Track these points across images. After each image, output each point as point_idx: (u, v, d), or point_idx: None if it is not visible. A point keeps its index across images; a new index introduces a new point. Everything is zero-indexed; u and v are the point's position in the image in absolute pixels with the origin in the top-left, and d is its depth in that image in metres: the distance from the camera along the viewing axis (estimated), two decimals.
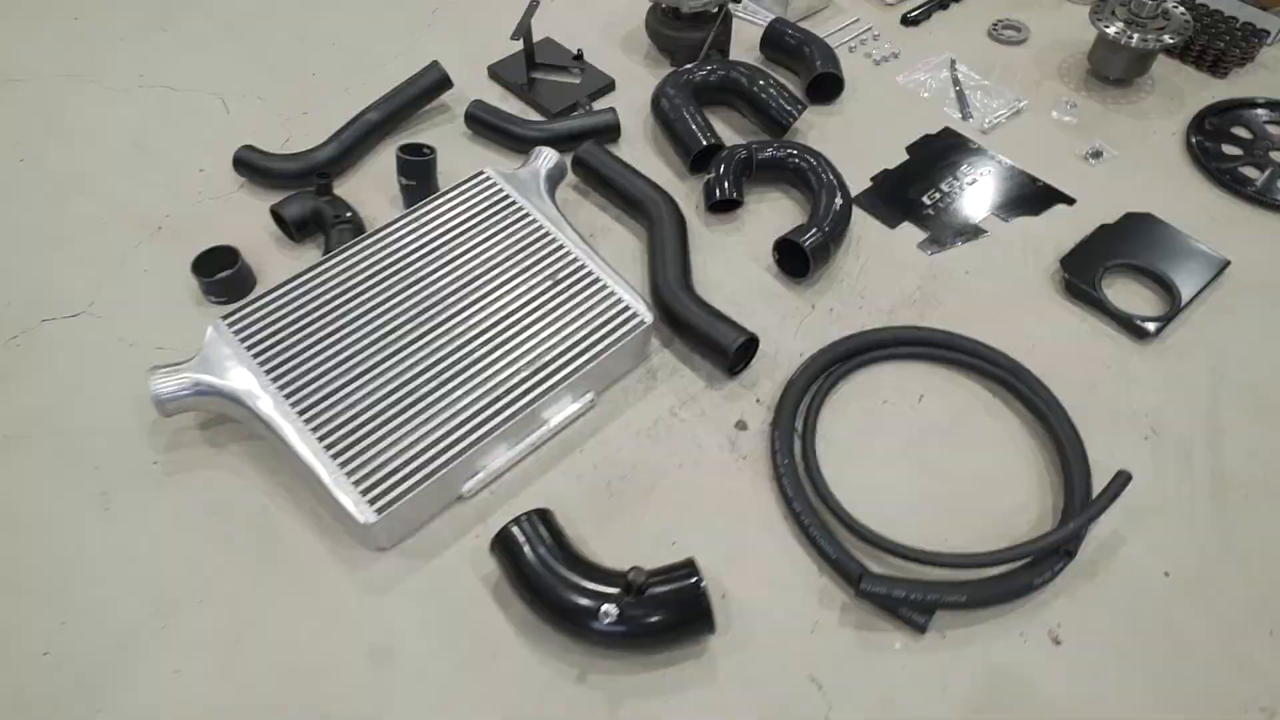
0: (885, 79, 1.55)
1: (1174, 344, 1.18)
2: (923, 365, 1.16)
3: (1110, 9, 1.47)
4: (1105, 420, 1.10)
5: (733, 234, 1.32)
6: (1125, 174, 1.39)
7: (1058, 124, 1.47)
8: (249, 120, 1.49)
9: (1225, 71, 1.53)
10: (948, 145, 1.44)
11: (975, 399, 1.13)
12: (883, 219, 1.33)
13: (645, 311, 1.11)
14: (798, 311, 1.22)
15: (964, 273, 1.27)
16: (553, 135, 1.42)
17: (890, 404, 1.12)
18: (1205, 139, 1.43)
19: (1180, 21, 1.44)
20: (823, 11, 1.69)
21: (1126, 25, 1.44)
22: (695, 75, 1.45)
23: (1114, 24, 1.44)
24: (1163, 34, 1.43)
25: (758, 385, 1.14)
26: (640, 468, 1.06)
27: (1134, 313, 1.19)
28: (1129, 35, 1.43)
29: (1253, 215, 1.34)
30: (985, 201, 1.35)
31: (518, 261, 1.14)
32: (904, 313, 1.21)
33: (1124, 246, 1.26)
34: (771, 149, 1.34)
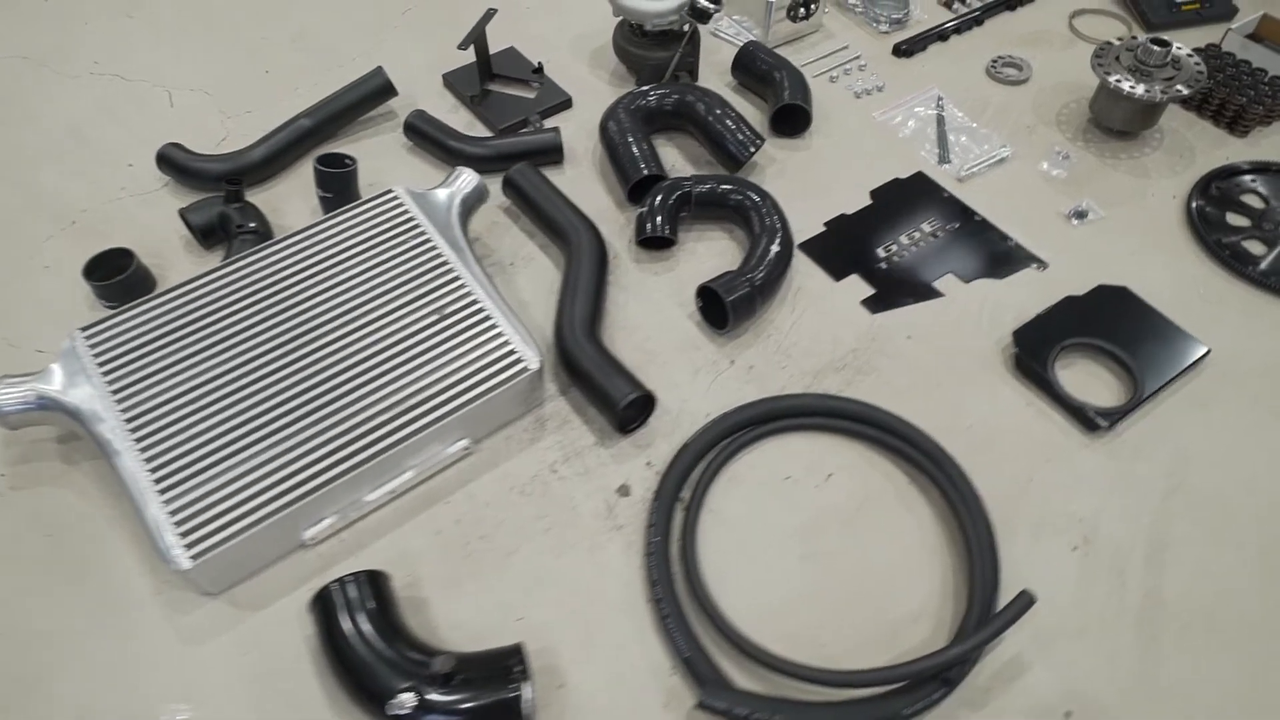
0: (863, 114, 1.43)
1: (1129, 440, 1.05)
2: (837, 439, 1.05)
3: (1114, 54, 1.33)
4: (1033, 522, 0.98)
5: (663, 273, 1.22)
6: (1111, 239, 1.25)
7: (1044, 177, 1.33)
8: (191, 115, 1.45)
9: (1246, 130, 1.37)
10: (916, 192, 1.32)
11: (889, 483, 1.01)
12: (829, 269, 1.22)
13: (532, 357, 1.02)
14: (714, 366, 1.12)
15: (906, 337, 1.15)
16: (490, 153, 1.34)
17: (794, 480, 1.01)
18: (1209, 205, 1.27)
19: (1192, 71, 1.29)
20: (810, 36, 1.57)
21: (1130, 73, 1.30)
22: (649, 99, 1.35)
23: (1117, 71, 1.30)
24: (1171, 84, 1.28)
25: (653, 446, 1.04)
26: (505, 528, 0.98)
27: (1086, 401, 1.05)
28: (1132, 84, 1.28)
29: (1249, 298, 1.19)
30: (946, 258, 1.23)
31: (407, 290, 1.06)
32: (830, 378, 1.10)
33: (1089, 323, 1.12)
34: (712, 184, 1.23)
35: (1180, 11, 1.55)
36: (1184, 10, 1.55)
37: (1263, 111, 1.34)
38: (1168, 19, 1.55)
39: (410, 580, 0.94)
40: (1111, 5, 1.62)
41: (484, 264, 1.19)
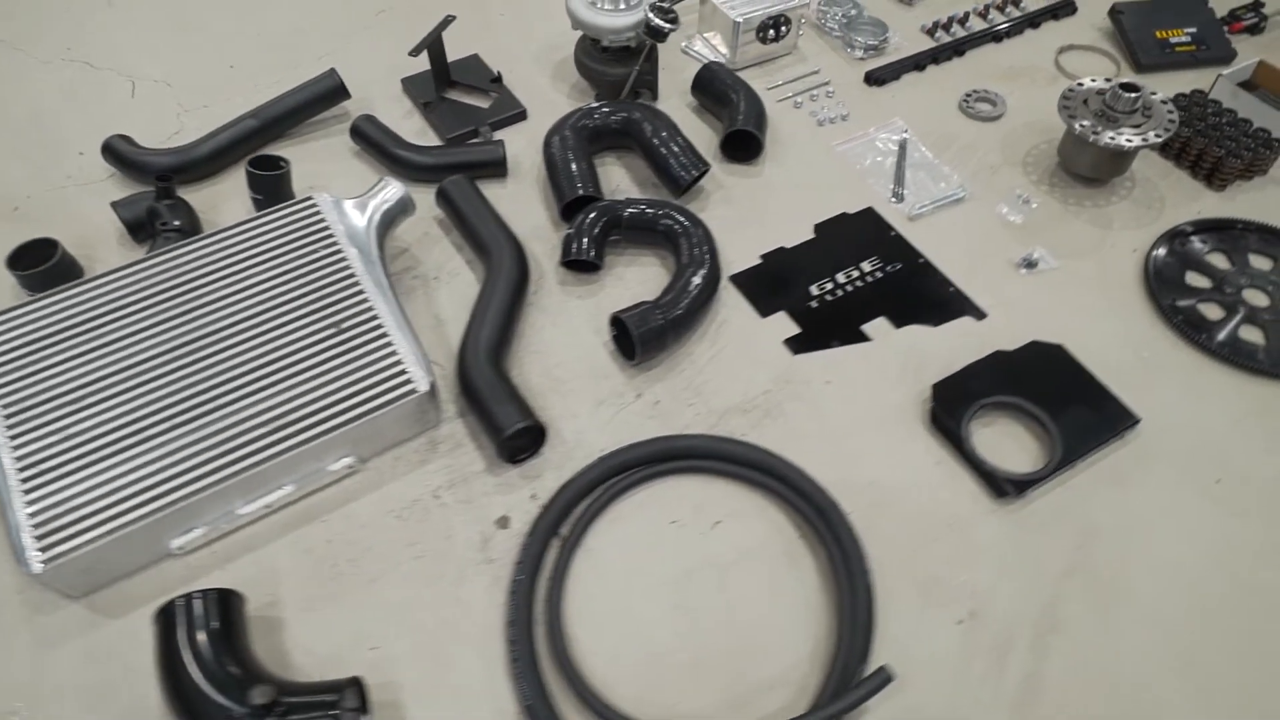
0: (823, 143, 1.39)
1: (1039, 510, 0.99)
2: (731, 485, 1.01)
3: (1082, 97, 1.26)
4: (922, 589, 0.93)
5: (586, 297, 1.19)
6: (1059, 291, 1.19)
7: (1001, 221, 1.28)
8: (149, 107, 1.45)
9: (1224, 183, 1.30)
10: (862, 229, 1.27)
11: (778, 535, 0.97)
12: (757, 305, 1.18)
13: (422, 379, 1.00)
14: (619, 398, 1.09)
15: (824, 382, 1.10)
16: (432, 162, 1.32)
17: (680, 525, 0.98)
18: (1169, 262, 1.21)
19: (1164, 119, 1.22)
20: (782, 59, 1.53)
21: (1097, 118, 1.23)
22: (597, 117, 1.32)
23: (1083, 116, 1.24)
24: (1140, 132, 1.21)
25: (542, 478, 1.02)
26: (376, 552, 0.96)
27: (998, 465, 1.00)
28: (1097, 130, 1.22)
29: (1197, 367, 1.12)
30: (881, 301, 1.18)
31: (308, 301, 1.05)
32: (736, 420, 1.06)
33: (1015, 381, 1.07)
34: (643, 209, 1.20)
35: (1174, 53, 1.47)
36: (1178, 51, 1.48)
37: (1241, 165, 1.27)
38: (1159, 60, 1.47)
39: (271, 599, 0.92)
40: (1103, 42, 1.55)
41: (402, 277, 1.19)
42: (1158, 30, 1.49)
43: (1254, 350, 1.11)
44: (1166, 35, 1.48)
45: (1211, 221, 1.24)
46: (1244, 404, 1.08)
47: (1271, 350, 1.11)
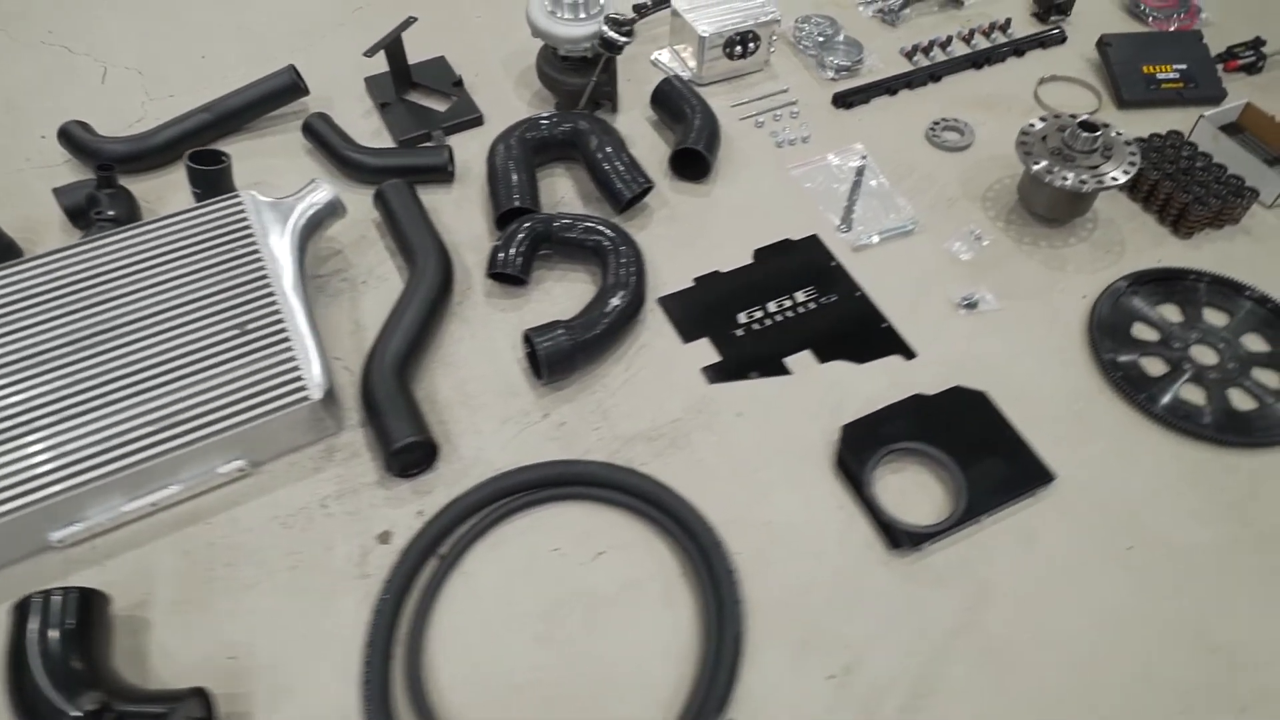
0: (779, 165, 1.35)
1: (935, 564, 0.95)
2: (621, 515, 0.99)
3: (1041, 134, 1.21)
4: (799, 639, 0.90)
5: (510, 311, 1.18)
6: (997, 335, 1.15)
7: (949, 256, 1.23)
8: (117, 93, 1.47)
9: (1190, 231, 1.23)
10: (803, 257, 1.24)
11: (660, 571, 0.95)
12: (681, 329, 1.15)
13: (317, 386, 0.99)
14: (525, 417, 1.07)
15: (736, 414, 1.07)
16: (377, 164, 1.31)
17: (562, 553, 0.96)
18: (1117, 312, 1.15)
19: (1124, 161, 1.17)
20: (752, 75, 1.49)
21: (1054, 157, 1.18)
22: (544, 127, 1.30)
23: (1040, 155, 1.19)
24: (1098, 174, 1.16)
25: (432, 494, 1.00)
26: (254, 559, 0.95)
27: (896, 515, 0.97)
28: (1050, 170, 1.17)
29: (1131, 425, 1.07)
30: (810, 333, 1.15)
31: (217, 300, 1.05)
32: (639, 448, 1.04)
33: (930, 427, 1.03)
34: (573, 225, 1.18)
35: (1159, 90, 1.41)
36: (1164, 88, 1.41)
37: (1207, 213, 1.20)
38: (1143, 96, 1.41)
39: (143, 599, 0.92)
40: (1089, 74, 1.48)
41: (331, 279, 1.20)
42: (1145, 65, 1.42)
43: (1193, 412, 1.05)
44: (1154, 71, 1.42)
45: (1164, 271, 1.18)
46: (1173, 468, 1.02)
47: (1213, 413, 1.05)
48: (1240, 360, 1.10)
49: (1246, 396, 1.07)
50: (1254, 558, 0.95)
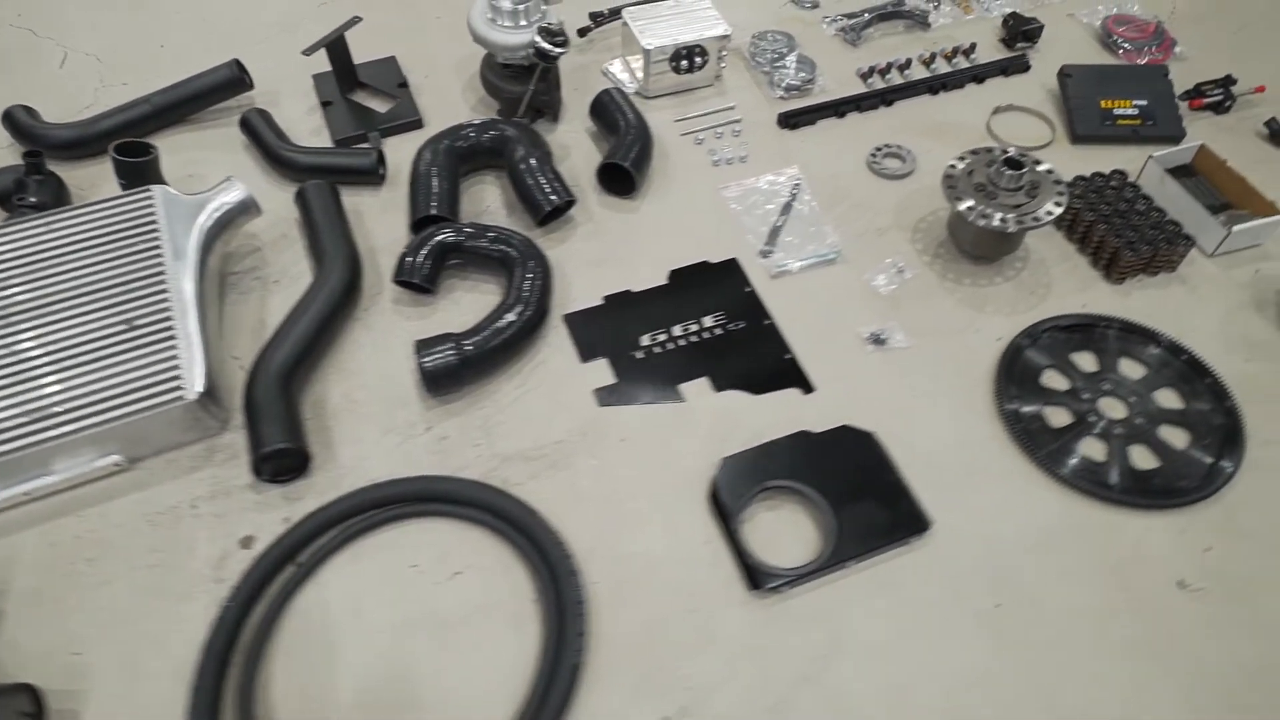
0: (711, 184, 1.33)
1: (795, 609, 0.93)
2: (483, 535, 0.98)
3: (969, 169, 1.17)
4: (640, 676, 0.89)
5: (415, 319, 1.18)
6: (902, 374, 1.11)
7: (867, 289, 1.20)
8: (73, 78, 1.49)
9: (1122, 277, 1.19)
10: (718, 281, 1.21)
11: (514, 595, 0.94)
12: (581, 348, 1.14)
13: (194, 387, 0.99)
14: (409, 429, 1.06)
15: (620, 439, 1.06)
16: (307, 163, 1.32)
17: (419, 570, 0.96)
18: (1029, 358, 1.11)
19: (1050, 200, 1.13)
20: (701, 90, 1.47)
21: (979, 193, 1.15)
22: (470, 135, 1.29)
23: (965, 192, 1.15)
24: (1021, 213, 1.12)
25: (302, 502, 1.01)
26: (116, 555, 0.96)
27: (760, 555, 0.94)
28: (971, 207, 1.14)
29: (1022, 477, 1.03)
30: (710, 360, 1.13)
31: (110, 294, 1.06)
32: (517, 467, 1.03)
33: (810, 466, 1.00)
34: (481, 236, 1.17)
35: (1114, 125, 1.36)
36: (1119, 124, 1.36)
37: (1138, 259, 1.16)
38: (1097, 131, 1.36)
39: (1, 589, 0.93)
40: (1047, 105, 1.44)
41: (243, 277, 1.21)
42: (1104, 99, 1.37)
43: (1090, 468, 1.01)
44: (1111, 105, 1.37)
45: (1077, 318, 1.14)
46: (1060, 525, 0.98)
47: (1110, 470, 1.01)
48: (1150, 416, 1.05)
49: (1149, 455, 1.03)
50: (1125, 626, 0.91)
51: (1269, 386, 1.08)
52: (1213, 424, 1.05)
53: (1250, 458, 1.02)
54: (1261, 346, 1.12)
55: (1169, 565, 0.95)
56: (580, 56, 1.55)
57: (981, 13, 1.59)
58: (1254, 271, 1.20)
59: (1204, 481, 1.00)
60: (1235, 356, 1.11)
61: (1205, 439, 1.03)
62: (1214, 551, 0.96)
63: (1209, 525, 0.98)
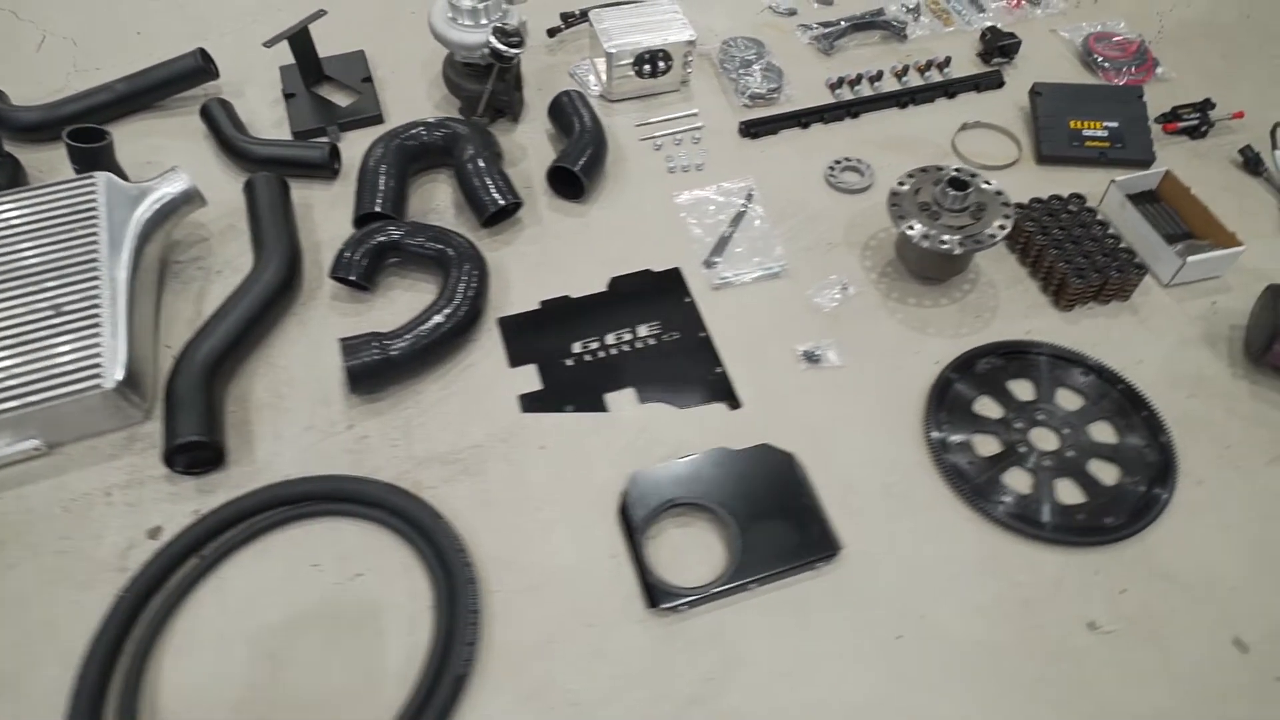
0: (664, 191, 1.31)
1: (693, 629, 0.92)
2: (388, 537, 0.97)
3: (915, 187, 1.15)
4: (528, 692, 0.88)
5: (350, 315, 1.18)
6: (834, 394, 1.09)
7: (809, 305, 1.18)
8: (48, 61, 1.51)
9: (1071, 304, 1.16)
10: (659, 290, 1.20)
11: (412, 599, 0.94)
12: (512, 352, 1.13)
13: (114, 375, 1.00)
14: (330, 427, 1.06)
15: (539, 447, 1.05)
16: (261, 154, 1.32)
17: (321, 569, 0.95)
18: (960, 385, 1.09)
19: (995, 222, 1.10)
20: (666, 95, 1.45)
21: (923, 213, 1.12)
22: (421, 133, 1.29)
23: (911, 211, 1.13)
24: (965, 234, 1.10)
25: (214, 494, 1.01)
26: (26, 540, 0.97)
27: (662, 573, 0.93)
28: (912, 226, 1.11)
29: (943, 507, 1.01)
30: (640, 371, 1.11)
31: (40, 279, 1.07)
32: (431, 470, 1.02)
33: (726, 484, 0.99)
34: (419, 235, 1.17)
35: (1082, 147, 1.33)
36: (1087, 146, 1.32)
37: (1085, 286, 1.13)
38: (1064, 152, 1.33)
39: None
40: (1017, 124, 1.40)
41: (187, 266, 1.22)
42: (1073, 119, 1.34)
43: (1013, 502, 0.99)
44: (1080, 126, 1.33)
45: (1015, 344, 1.11)
46: (975, 557, 0.96)
47: (1035, 505, 0.98)
48: (1081, 449, 1.02)
49: (1077, 490, 1.00)
50: (1030, 665, 0.89)
51: (1209, 424, 1.05)
52: (1145, 461, 1.01)
53: (1179, 498, 0.99)
54: (1208, 382, 1.09)
55: (1082, 605, 0.92)
56: (550, 57, 1.54)
57: (962, 25, 1.56)
58: (1210, 304, 1.16)
59: (1129, 520, 0.97)
60: (1179, 391, 1.08)
61: (1136, 476, 1.00)
62: (1129, 594, 0.93)
63: (1128, 566, 0.95)
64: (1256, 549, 0.95)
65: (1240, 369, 1.10)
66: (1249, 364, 1.09)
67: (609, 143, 1.35)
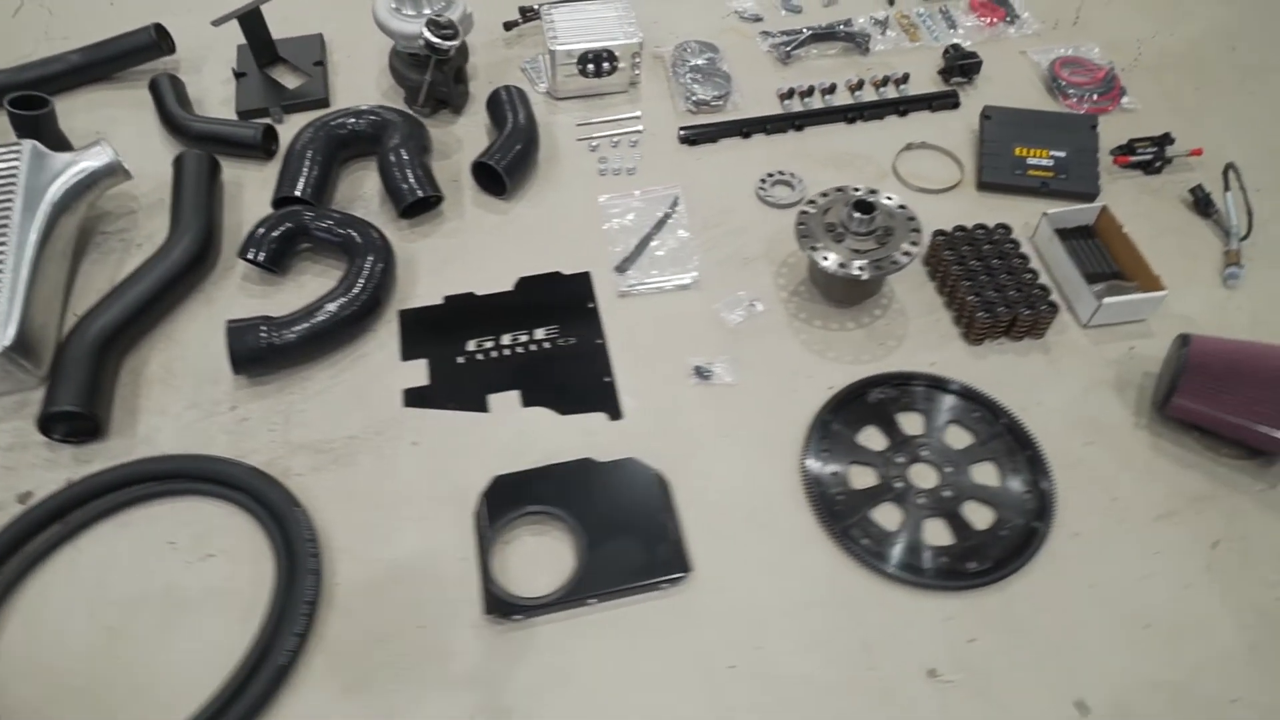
0: (591, 194, 1.30)
1: (528, 639, 0.91)
2: (247, 521, 0.98)
3: (825, 207, 1.12)
4: (354, 685, 0.88)
5: (258, 298, 1.19)
6: (716, 412, 1.08)
7: (714, 319, 1.16)
8: (21, 28, 1.55)
9: (981, 338, 1.12)
10: (565, 293, 1.19)
11: (256, 584, 0.94)
12: (406, 345, 1.13)
13: (2, 340, 1.02)
14: (214, 406, 1.08)
15: (412, 443, 1.05)
16: (198, 132, 1.34)
17: (175, 548, 0.97)
18: (845, 414, 1.06)
19: (899, 248, 1.07)
20: (612, 96, 1.44)
21: (828, 235, 1.10)
22: (351, 120, 1.30)
23: (818, 232, 1.10)
24: (872, 259, 1.07)
25: (90, 465, 1.03)
26: None
27: (502, 583, 0.93)
28: (813, 246, 1.09)
29: (806, 539, 0.98)
30: (528, 374, 1.11)
31: None
32: (304, 457, 1.03)
33: (587, 495, 0.98)
34: (317, 217, 1.18)
35: (1024, 175, 1.28)
36: (1029, 175, 1.28)
37: (991, 321, 1.09)
38: (1004, 180, 1.28)
39: None
40: (964, 147, 1.36)
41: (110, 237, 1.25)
42: (1020, 146, 1.29)
43: (877, 539, 0.96)
44: (1026, 154, 1.29)
45: (903, 375, 1.08)
46: (826, 592, 0.94)
47: (899, 544, 0.95)
48: (960, 490, 0.99)
49: (945, 531, 0.97)
50: (858, 709, 0.86)
51: (1100, 474, 1.01)
52: (1024, 507, 0.98)
53: (1051, 549, 0.95)
54: (1108, 430, 1.04)
55: (927, 651, 0.89)
56: (506, 50, 1.53)
57: (929, 41, 1.52)
58: (1129, 349, 1.12)
59: (993, 567, 0.93)
60: (1075, 437, 1.04)
61: (1010, 522, 0.97)
62: (978, 644, 0.90)
63: (984, 615, 0.92)
64: (1118, 609, 0.91)
65: (1145, 419, 1.05)
66: (1154, 414, 1.05)
67: (542, 141, 1.34)
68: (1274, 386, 0.94)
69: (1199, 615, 0.91)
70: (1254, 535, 0.96)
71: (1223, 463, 1.02)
